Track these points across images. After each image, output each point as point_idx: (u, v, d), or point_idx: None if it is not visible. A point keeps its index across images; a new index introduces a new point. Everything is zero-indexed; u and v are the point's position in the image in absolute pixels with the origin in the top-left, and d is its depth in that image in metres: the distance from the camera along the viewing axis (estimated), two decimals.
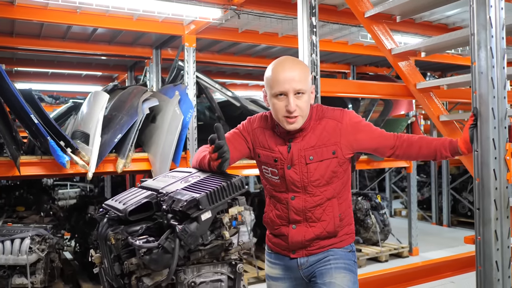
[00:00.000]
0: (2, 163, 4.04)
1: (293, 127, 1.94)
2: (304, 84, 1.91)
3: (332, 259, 2.03)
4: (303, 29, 3.18)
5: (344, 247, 2.06)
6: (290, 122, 1.92)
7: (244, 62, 6.97)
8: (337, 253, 2.04)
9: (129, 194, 2.07)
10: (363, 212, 6.35)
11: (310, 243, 2.02)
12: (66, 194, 8.91)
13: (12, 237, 4.15)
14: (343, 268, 2.02)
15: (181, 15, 4.47)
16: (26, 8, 4.34)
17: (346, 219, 2.07)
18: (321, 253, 2.04)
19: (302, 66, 1.97)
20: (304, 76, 1.92)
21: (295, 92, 1.89)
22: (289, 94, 1.89)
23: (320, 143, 1.97)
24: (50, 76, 8.11)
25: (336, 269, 2.01)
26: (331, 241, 2.04)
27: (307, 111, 1.95)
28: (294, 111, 1.89)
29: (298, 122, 1.93)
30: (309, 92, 1.96)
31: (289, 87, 1.88)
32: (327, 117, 2.00)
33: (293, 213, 2.00)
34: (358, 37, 5.52)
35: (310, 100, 1.97)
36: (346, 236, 2.07)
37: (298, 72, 1.90)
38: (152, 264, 1.70)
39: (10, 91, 4.06)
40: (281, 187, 2.02)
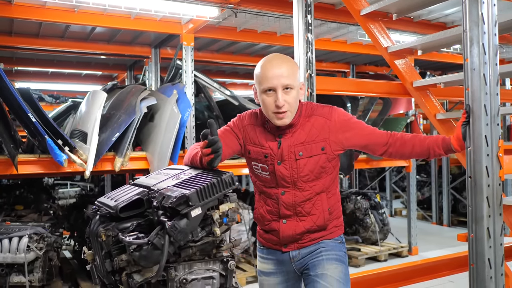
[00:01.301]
0: (0, 161, 4.05)
1: (283, 123, 1.98)
2: (292, 80, 1.94)
3: (324, 250, 2.07)
4: (299, 27, 3.18)
5: (334, 238, 2.10)
6: (280, 117, 1.96)
7: (243, 61, 6.97)
8: (328, 244, 2.08)
9: (121, 191, 2.08)
10: (362, 211, 6.34)
11: (301, 237, 2.06)
12: (66, 193, 8.94)
13: (10, 235, 4.15)
14: (334, 260, 2.05)
15: (178, 14, 4.47)
16: (24, 7, 4.35)
17: (335, 212, 2.11)
18: (313, 245, 2.08)
19: (290, 63, 2.00)
20: (292, 72, 1.96)
21: (283, 88, 1.93)
22: (278, 89, 1.93)
23: (309, 140, 2.00)
24: (50, 76, 8.13)
25: (328, 260, 2.04)
26: (321, 233, 2.07)
27: (295, 107, 1.99)
28: (283, 106, 1.93)
29: (288, 117, 1.97)
30: (298, 88, 1.99)
31: (278, 83, 1.92)
32: (316, 114, 2.03)
33: (283, 208, 2.04)
34: (357, 36, 5.52)
35: (299, 96, 2.00)
36: (335, 228, 2.12)
37: (286, 68, 1.94)
38: (142, 260, 1.70)
39: (8, 90, 4.07)
40: (271, 182, 2.05)
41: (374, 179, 10.73)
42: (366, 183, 10.54)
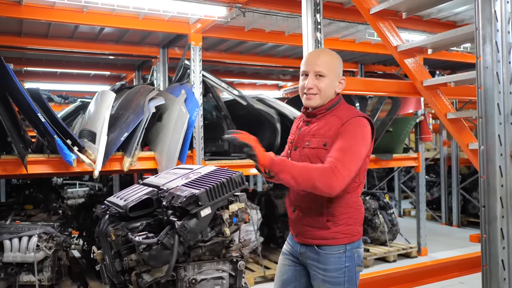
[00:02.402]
0: (10, 161, 4.07)
1: (309, 104, 2.19)
2: (326, 69, 2.14)
3: (321, 269, 2.14)
4: (308, 26, 3.17)
5: (337, 245, 2.12)
6: (307, 98, 2.18)
7: (251, 61, 6.96)
8: (327, 260, 2.12)
9: (130, 191, 2.08)
10: (371, 211, 6.29)
11: (303, 230, 2.19)
12: (75, 193, 8.98)
13: (20, 234, 4.18)
14: (327, 282, 2.12)
15: (186, 14, 4.47)
16: (33, 8, 4.37)
17: (341, 216, 2.13)
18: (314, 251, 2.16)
19: (329, 56, 2.20)
20: (327, 63, 2.16)
21: (315, 74, 2.15)
22: (310, 73, 2.16)
23: (319, 133, 2.15)
24: (59, 76, 8.17)
25: (322, 282, 2.13)
26: (321, 233, 2.14)
27: (326, 94, 2.16)
28: (311, 89, 2.15)
29: (315, 100, 2.16)
30: (333, 79, 2.16)
31: (310, 68, 2.17)
32: (336, 114, 2.14)
33: (293, 196, 2.23)
34: (365, 35, 5.48)
35: (333, 86, 2.17)
36: (342, 235, 2.12)
37: (321, 58, 2.18)
38: (152, 260, 1.70)
39: (18, 90, 4.09)
40: None
41: (382, 179, 10.67)
42: (374, 183, 10.48)
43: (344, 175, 1.97)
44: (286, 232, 6.12)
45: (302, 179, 1.93)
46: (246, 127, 5.80)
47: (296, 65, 7.28)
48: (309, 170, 1.96)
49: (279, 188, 6.57)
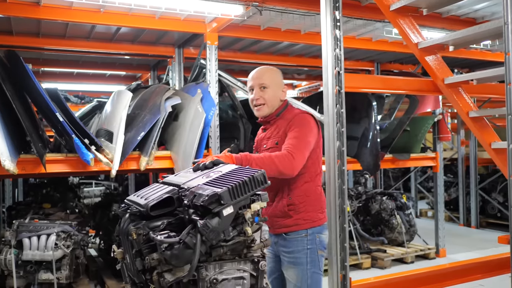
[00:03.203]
0: (29, 160, 4.10)
1: (259, 114, 2.57)
2: (268, 81, 2.52)
3: (286, 252, 2.51)
4: (327, 23, 3.12)
5: (298, 230, 2.48)
6: (256, 109, 2.56)
7: (267, 60, 6.91)
8: (291, 243, 2.48)
9: (150, 189, 2.06)
10: (388, 212, 6.23)
11: (273, 220, 2.51)
12: (91, 192, 9.04)
13: (39, 233, 4.22)
14: (292, 263, 2.49)
15: (202, 12, 4.45)
16: (51, 8, 4.40)
17: (301, 205, 2.48)
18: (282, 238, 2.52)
19: (269, 71, 2.60)
20: (268, 76, 2.55)
21: (260, 86, 2.52)
22: (255, 87, 2.54)
23: (272, 135, 2.52)
24: (76, 76, 8.24)
25: (288, 264, 2.51)
26: (286, 221, 2.50)
27: (272, 103, 2.53)
28: (257, 100, 2.52)
29: (263, 110, 2.54)
30: (275, 89, 2.53)
31: (255, 83, 2.54)
32: (283, 117, 2.53)
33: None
34: (383, 33, 5.42)
35: (276, 95, 2.54)
36: (303, 221, 2.48)
37: (263, 72, 2.57)
38: (173, 259, 1.68)
39: (37, 90, 4.12)
40: None
41: (398, 179, 10.56)
42: (390, 184, 10.37)
43: (300, 158, 2.35)
44: None
45: (269, 167, 2.22)
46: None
47: (312, 64, 7.25)
48: (271, 158, 2.29)
49: None
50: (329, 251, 3.12)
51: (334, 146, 3.04)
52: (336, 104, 3.05)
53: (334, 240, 3.07)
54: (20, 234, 4.20)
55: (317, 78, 9.01)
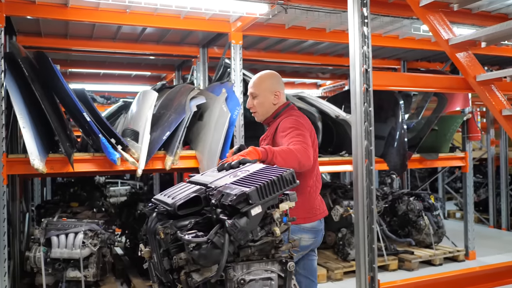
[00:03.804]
0: (57, 160, 4.17)
1: (256, 119, 2.77)
2: (256, 90, 2.69)
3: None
4: (354, 20, 3.06)
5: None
6: (253, 115, 2.77)
7: (291, 60, 6.89)
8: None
9: (178, 188, 2.05)
10: (415, 213, 6.10)
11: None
12: (117, 192, 9.16)
13: (66, 231, 4.28)
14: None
15: (227, 11, 4.44)
16: (78, 10, 4.46)
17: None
18: None
19: (259, 77, 2.72)
20: (257, 84, 2.70)
21: (251, 95, 2.72)
22: (249, 96, 2.74)
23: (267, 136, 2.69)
24: (102, 77, 8.36)
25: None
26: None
27: (263, 109, 2.70)
28: (251, 108, 2.73)
29: (257, 116, 2.74)
30: (265, 95, 2.67)
31: (249, 92, 2.73)
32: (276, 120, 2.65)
33: None
34: (411, 30, 5.31)
35: (267, 101, 2.68)
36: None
37: (254, 82, 2.72)
38: (201, 259, 1.66)
39: (65, 91, 4.19)
40: None
41: (424, 180, 10.35)
42: (416, 184, 10.17)
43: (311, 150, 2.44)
44: (326, 232, 6.01)
45: (291, 159, 2.29)
46: None
47: (336, 62, 7.18)
48: (290, 150, 2.33)
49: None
50: (356, 252, 3.07)
51: (361, 145, 2.99)
52: (363, 103, 2.99)
53: (362, 241, 3.01)
54: (48, 232, 4.27)
55: (342, 77, 8.92)
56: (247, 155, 2.19)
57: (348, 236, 5.54)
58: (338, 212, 5.65)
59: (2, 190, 3.97)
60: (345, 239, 5.56)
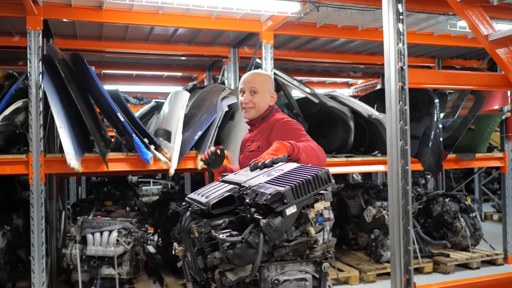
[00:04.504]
0: (92, 159, 4.26)
1: (247, 116, 2.65)
2: (258, 86, 2.60)
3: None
4: (389, 17, 3.00)
5: None
6: (245, 111, 2.64)
7: (322, 59, 6.83)
8: None
9: (211, 188, 2.05)
10: (451, 214, 5.94)
11: None
12: (149, 191, 9.30)
13: (101, 229, 4.37)
14: None
15: (259, 11, 4.43)
16: (112, 12, 4.55)
17: None
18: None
19: (261, 76, 2.68)
20: (259, 81, 2.62)
21: (250, 91, 2.60)
22: (246, 91, 2.62)
23: (255, 138, 2.61)
24: (134, 78, 8.50)
25: None
26: None
27: (260, 107, 2.60)
28: (247, 103, 2.60)
29: (251, 113, 2.62)
30: (265, 94, 2.61)
31: (246, 86, 2.62)
32: (267, 122, 2.61)
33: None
34: (446, 27, 5.15)
35: (265, 100, 2.61)
36: None
37: (255, 77, 2.64)
38: (236, 258, 1.65)
39: (99, 91, 4.28)
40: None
41: (459, 181, 10.06)
42: (451, 185, 9.90)
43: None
44: (359, 233, 5.93)
45: (312, 155, 2.25)
46: (318, 125, 5.74)
47: (368, 61, 7.07)
48: (311, 148, 2.29)
49: (351, 188, 6.38)
50: (392, 254, 3.00)
51: (397, 144, 2.92)
52: (399, 101, 2.92)
53: (397, 243, 2.94)
54: (84, 230, 4.36)
55: (374, 75, 8.77)
56: (278, 151, 2.14)
57: (381, 238, 5.44)
58: (370, 213, 5.56)
59: (40, 188, 4.08)
60: (378, 241, 5.46)
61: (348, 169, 5.29)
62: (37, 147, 4.08)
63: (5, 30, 5.21)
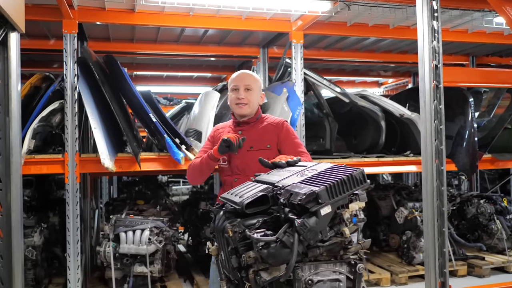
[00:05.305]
0: (125, 159, 4.34)
1: (241, 112, 2.71)
2: (253, 84, 2.73)
3: None
4: (423, 14, 2.94)
5: None
6: (239, 107, 2.70)
7: (352, 58, 6.77)
8: None
9: (244, 187, 2.06)
10: (486, 216, 5.76)
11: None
12: (179, 190, 9.40)
13: (134, 228, 4.44)
14: None
15: (289, 10, 4.41)
16: (144, 14, 4.63)
17: None
18: None
19: (253, 74, 2.81)
20: (253, 80, 2.76)
21: (245, 88, 2.70)
22: (240, 87, 2.71)
23: (260, 138, 2.68)
24: (165, 79, 8.62)
25: None
26: None
27: (254, 105, 2.73)
28: (243, 99, 2.68)
29: (245, 109, 2.71)
30: (258, 93, 2.75)
31: (241, 83, 2.72)
32: (268, 122, 2.75)
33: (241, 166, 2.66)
34: (482, 23, 5.01)
35: (257, 99, 2.75)
36: None
37: (249, 75, 2.79)
38: (270, 258, 1.65)
39: (132, 93, 4.36)
40: (227, 171, 2.71)
41: (494, 182, 9.76)
42: (485, 186, 9.62)
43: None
44: (389, 234, 5.84)
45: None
46: (348, 125, 5.68)
47: (399, 60, 6.96)
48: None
49: (382, 189, 6.29)
50: (426, 256, 2.94)
51: (431, 144, 2.86)
52: (433, 100, 2.86)
53: (431, 245, 2.88)
54: (117, 229, 4.44)
55: (405, 74, 8.63)
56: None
57: (413, 239, 5.33)
58: (402, 214, 5.46)
59: (75, 187, 4.19)
60: (410, 242, 5.36)
61: (379, 170, 5.22)
62: (73, 147, 4.18)
63: (41, 33, 5.38)
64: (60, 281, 4.89)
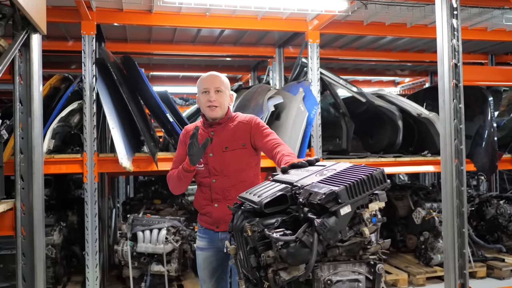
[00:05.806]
0: (143, 158, 4.39)
1: (213, 115, 2.69)
2: (222, 86, 2.71)
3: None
4: (442, 12, 2.91)
5: None
6: (211, 110, 2.68)
7: (368, 57, 6.73)
8: None
9: (263, 187, 2.06)
10: (506, 217, 5.67)
11: (226, 218, 2.50)
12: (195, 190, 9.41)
13: (151, 227, 4.48)
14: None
15: (306, 10, 4.40)
16: (161, 15, 4.67)
17: None
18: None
19: (221, 76, 2.77)
20: (222, 81, 2.73)
21: (215, 90, 2.68)
22: (211, 90, 2.67)
23: (234, 137, 2.68)
24: (181, 79, 8.68)
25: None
26: None
27: (224, 107, 2.72)
28: (214, 101, 2.66)
29: (217, 111, 2.69)
30: (227, 95, 2.73)
31: (211, 85, 2.68)
32: (239, 120, 2.74)
33: (214, 193, 2.67)
34: (502, 21, 4.93)
35: (227, 100, 2.73)
36: None
37: (217, 77, 2.74)
38: (289, 258, 1.65)
39: (149, 93, 4.40)
40: (205, 173, 2.69)
41: None
42: (505, 187, 9.46)
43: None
44: (407, 235, 5.78)
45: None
46: (364, 124, 5.64)
47: (416, 59, 6.89)
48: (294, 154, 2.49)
49: (398, 189, 6.23)
50: (445, 257, 2.91)
51: (451, 144, 2.82)
52: (453, 99, 2.82)
53: (451, 246, 2.85)
54: (135, 228, 4.49)
55: (422, 73, 8.54)
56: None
57: (431, 240, 5.27)
58: (420, 214, 5.41)
59: (94, 187, 4.24)
60: (428, 243, 5.30)
61: (396, 170, 5.18)
62: (91, 147, 4.24)
63: (59, 35, 5.46)
64: (78, 279, 4.96)
